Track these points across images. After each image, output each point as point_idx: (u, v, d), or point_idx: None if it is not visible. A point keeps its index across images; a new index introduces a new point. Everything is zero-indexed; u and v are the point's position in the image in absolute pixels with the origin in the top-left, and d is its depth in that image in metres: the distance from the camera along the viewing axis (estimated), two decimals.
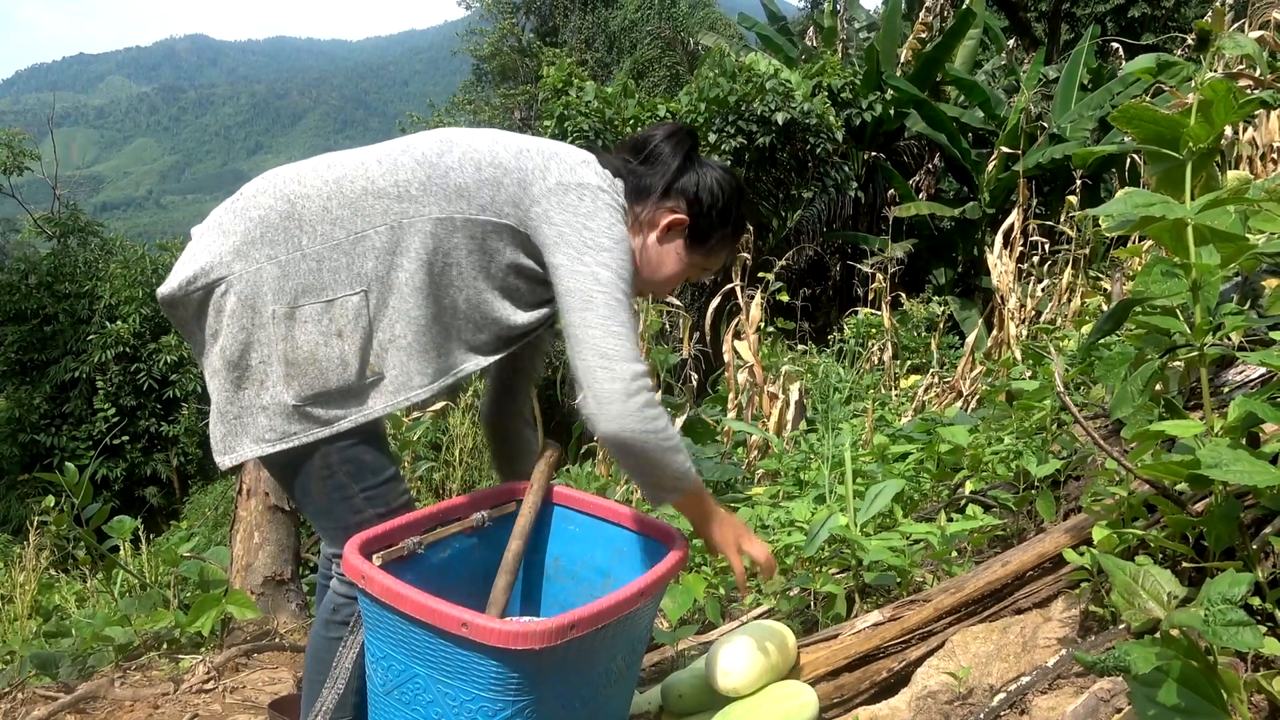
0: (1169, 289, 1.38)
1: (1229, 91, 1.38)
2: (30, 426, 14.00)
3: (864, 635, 1.80)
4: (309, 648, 1.63)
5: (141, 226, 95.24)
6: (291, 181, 1.51)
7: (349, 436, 1.49)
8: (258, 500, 2.90)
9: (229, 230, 1.49)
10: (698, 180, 1.64)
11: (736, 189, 1.68)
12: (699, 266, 1.71)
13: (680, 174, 1.64)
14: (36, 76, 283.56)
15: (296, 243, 1.46)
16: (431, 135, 1.58)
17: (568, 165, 1.55)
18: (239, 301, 1.45)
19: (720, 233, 1.68)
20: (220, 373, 1.47)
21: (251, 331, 1.45)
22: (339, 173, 1.51)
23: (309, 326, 1.45)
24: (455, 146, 1.55)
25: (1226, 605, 0.94)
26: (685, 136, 1.68)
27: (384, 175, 1.50)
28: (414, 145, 1.56)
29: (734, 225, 1.70)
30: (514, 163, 1.53)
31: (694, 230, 1.65)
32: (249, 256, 1.45)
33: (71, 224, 16.12)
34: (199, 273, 1.47)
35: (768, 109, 9.50)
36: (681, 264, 1.67)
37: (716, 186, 1.65)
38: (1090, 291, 5.63)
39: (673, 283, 1.71)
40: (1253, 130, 4.96)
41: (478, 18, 29.16)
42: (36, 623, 3.45)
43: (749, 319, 4.97)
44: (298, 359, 1.44)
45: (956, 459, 2.67)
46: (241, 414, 1.47)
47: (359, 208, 1.47)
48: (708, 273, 1.76)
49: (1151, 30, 17.13)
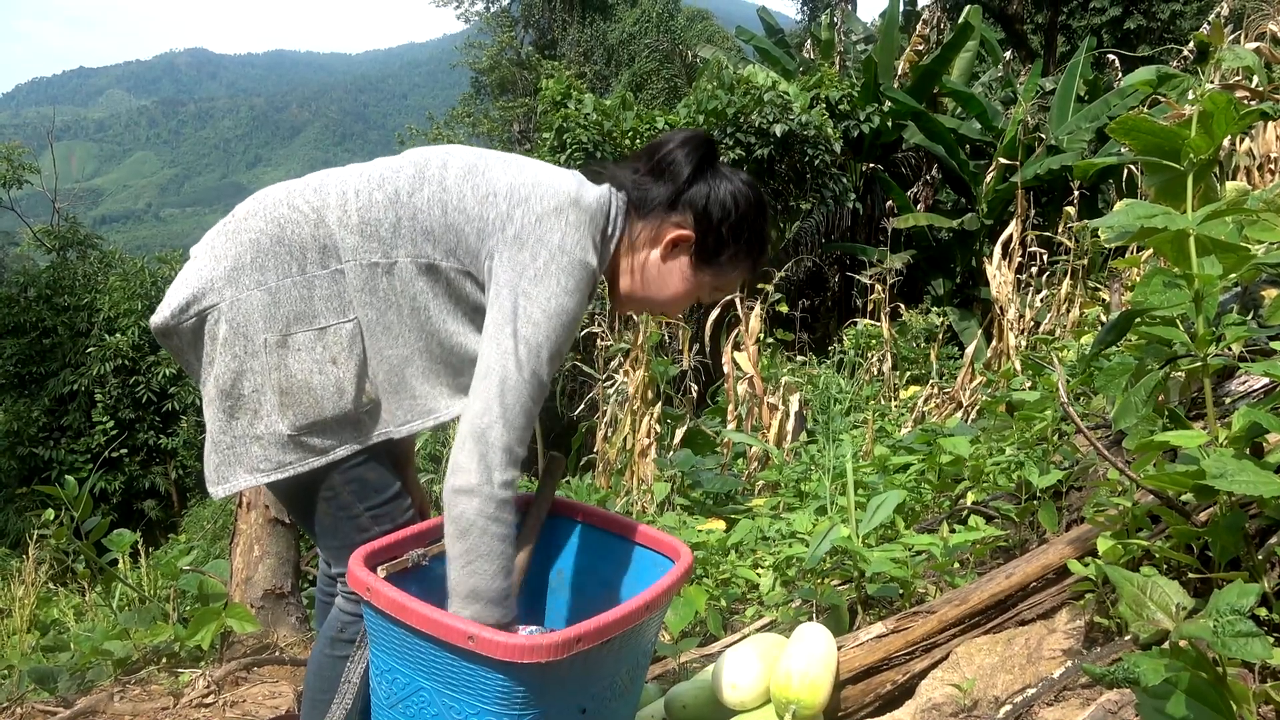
0: (1170, 300, 1.38)
1: (1229, 103, 1.39)
2: (29, 440, 13.97)
3: (867, 648, 1.79)
4: (311, 666, 1.61)
5: (141, 239, 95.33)
6: (281, 204, 1.47)
7: (353, 456, 1.47)
8: (257, 513, 2.89)
9: (220, 254, 1.44)
10: (709, 192, 1.53)
11: (755, 203, 1.56)
12: (710, 286, 1.60)
13: (690, 185, 1.53)
14: (36, 90, 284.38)
15: (286, 268, 1.42)
16: (411, 164, 1.50)
17: (534, 215, 1.43)
18: (230, 329, 1.41)
19: (731, 250, 1.55)
20: (214, 401, 1.44)
21: (244, 360, 1.41)
22: (323, 199, 1.46)
23: (302, 354, 1.41)
24: (428, 184, 1.47)
25: (1235, 616, 0.94)
26: (700, 144, 1.55)
27: (359, 211, 1.45)
28: (390, 178, 1.48)
29: (749, 242, 1.56)
30: (476, 210, 1.45)
31: (701, 247, 1.54)
32: (239, 282, 1.42)
33: (71, 237, 16.14)
34: (191, 299, 1.43)
35: (766, 121, 9.54)
36: (688, 283, 1.57)
37: (730, 200, 1.53)
38: (1089, 302, 5.64)
39: (680, 303, 1.60)
40: (1250, 141, 4.98)
41: (477, 31, 29.33)
42: (35, 637, 3.43)
43: (748, 330, 4.98)
44: (292, 387, 1.41)
45: (958, 470, 2.67)
46: (235, 444, 1.43)
47: (337, 241, 1.44)
48: (721, 293, 1.63)
49: (1147, 42, 17.22)
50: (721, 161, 1.60)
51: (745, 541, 2.69)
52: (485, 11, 29.02)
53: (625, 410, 4.60)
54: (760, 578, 2.46)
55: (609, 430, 4.79)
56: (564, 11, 25.90)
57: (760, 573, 2.49)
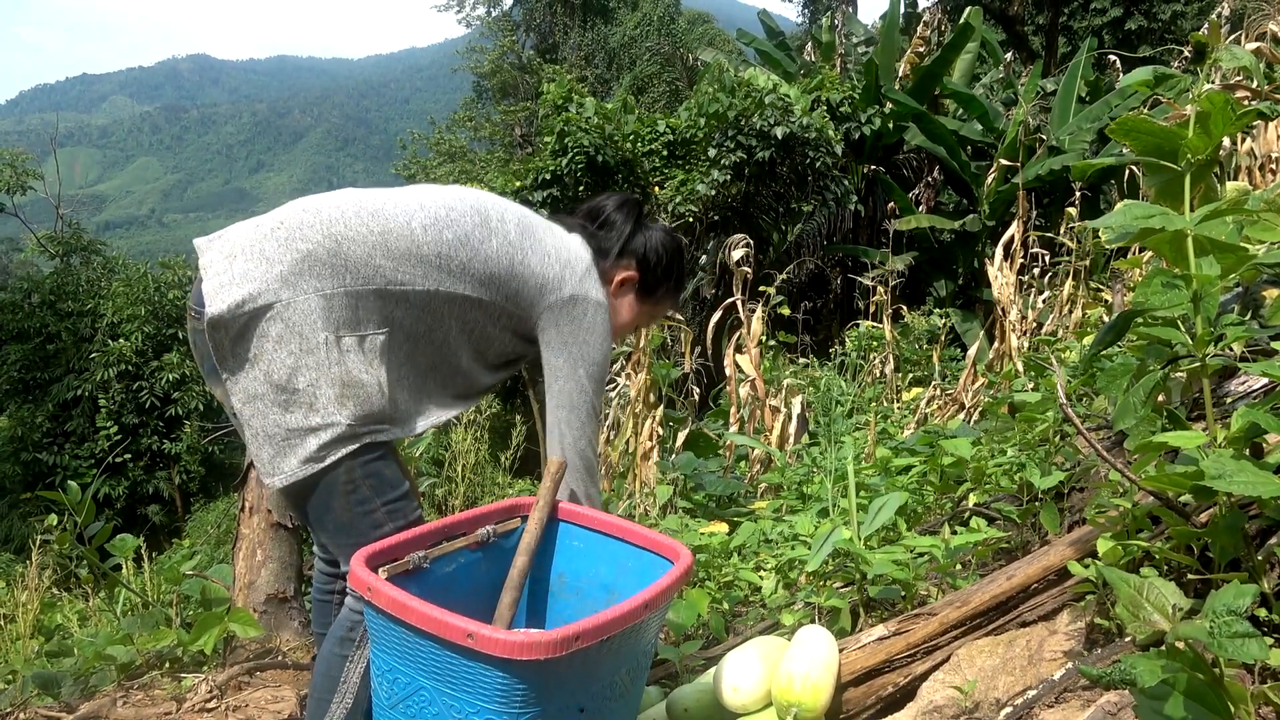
0: (1170, 300, 1.38)
1: (1227, 103, 1.39)
2: (33, 445, 13.99)
3: (869, 650, 1.79)
4: (319, 664, 1.63)
5: (144, 245, 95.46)
6: (338, 222, 1.60)
7: (373, 449, 1.56)
8: (260, 518, 2.90)
9: (274, 259, 1.55)
10: (645, 241, 1.91)
11: (677, 249, 1.97)
12: (648, 315, 1.99)
13: (631, 237, 1.90)
14: (40, 97, 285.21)
15: (341, 280, 1.56)
16: (473, 211, 1.72)
17: (577, 277, 1.77)
18: (286, 328, 1.52)
19: (665, 285, 1.95)
20: (264, 396, 1.52)
21: (300, 356, 1.52)
22: (384, 224, 1.62)
23: (351, 355, 1.55)
24: (494, 236, 1.71)
25: (1232, 617, 0.94)
26: (633, 205, 1.95)
27: (429, 243, 1.64)
28: (457, 220, 1.69)
29: (676, 279, 1.98)
30: (539, 268, 1.73)
31: (644, 285, 1.92)
32: (296, 286, 1.53)
33: (74, 243, 16.15)
34: (248, 297, 1.52)
35: (767, 124, 9.54)
36: (633, 313, 1.94)
37: (661, 247, 1.92)
38: (1091, 303, 5.64)
39: (626, 329, 1.98)
40: (1250, 141, 4.98)
41: (478, 35, 29.38)
42: (39, 642, 3.44)
43: (750, 333, 4.98)
44: (351, 380, 1.54)
45: (959, 472, 2.67)
46: (290, 436, 1.53)
47: (401, 264, 1.60)
48: (654, 320, 2.13)
49: (1148, 43, 17.22)
50: (646, 215, 2.00)
51: (747, 544, 2.69)
52: (486, 16, 29.08)
53: (627, 413, 4.60)
54: (762, 580, 2.46)
55: (611, 433, 4.79)
56: (565, 16, 25.96)
57: (762, 575, 2.49)
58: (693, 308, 9.64)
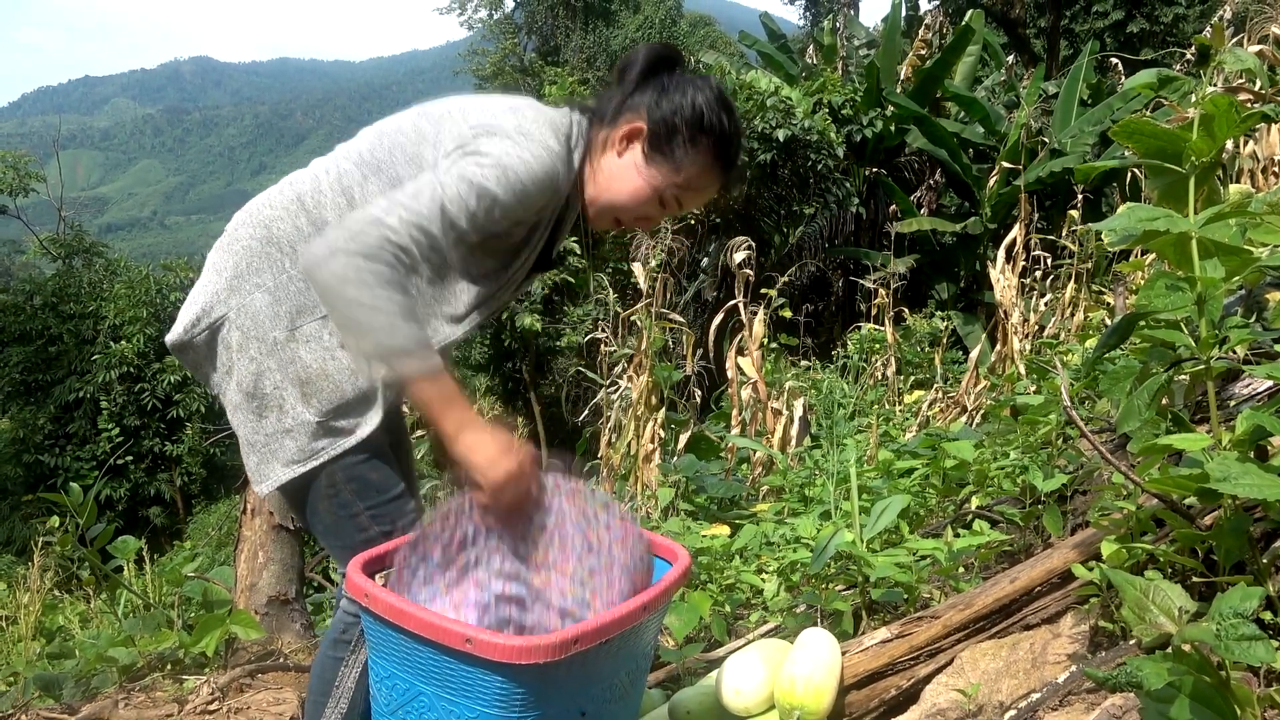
0: (1173, 303, 1.38)
1: (1231, 106, 1.38)
2: (34, 447, 14.00)
3: (872, 653, 1.79)
4: (314, 667, 1.62)
5: (146, 247, 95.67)
6: (265, 206, 1.54)
7: (358, 452, 1.49)
8: (262, 519, 2.90)
9: (221, 267, 1.52)
10: (664, 86, 1.52)
11: (714, 98, 1.51)
12: (670, 183, 1.52)
13: (641, 83, 1.53)
14: (42, 99, 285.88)
15: (280, 265, 1.49)
16: (368, 129, 1.58)
17: (489, 113, 1.48)
18: (242, 334, 1.48)
19: (683, 136, 1.50)
20: (241, 406, 1.50)
21: (260, 360, 1.47)
22: (298, 188, 1.53)
23: (312, 344, 1.47)
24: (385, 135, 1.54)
25: (1238, 620, 0.93)
26: (657, 49, 1.56)
27: (331, 184, 1.51)
28: (352, 145, 1.57)
29: (705, 132, 1.50)
30: (433, 129, 1.50)
31: (652, 136, 1.50)
32: (240, 289, 1.49)
33: (76, 245, 16.17)
34: (200, 314, 1.50)
35: (769, 126, 9.54)
36: (642, 176, 1.52)
37: (680, 94, 1.51)
38: (1093, 305, 5.63)
39: (642, 202, 1.54)
40: (1254, 144, 4.97)
41: (480, 38, 29.39)
42: (40, 643, 3.44)
43: (752, 335, 4.98)
44: (310, 377, 1.47)
45: (962, 474, 2.67)
46: (269, 441, 1.49)
47: (318, 222, 1.49)
48: (689, 195, 1.56)
49: (1150, 45, 17.22)
50: (687, 69, 1.58)
51: (749, 547, 2.69)
52: (488, 19, 29.10)
53: (629, 416, 4.60)
54: (764, 583, 2.45)
55: (613, 436, 4.79)
56: (566, 18, 25.98)
57: (764, 578, 2.49)
58: (694, 310, 9.64)
